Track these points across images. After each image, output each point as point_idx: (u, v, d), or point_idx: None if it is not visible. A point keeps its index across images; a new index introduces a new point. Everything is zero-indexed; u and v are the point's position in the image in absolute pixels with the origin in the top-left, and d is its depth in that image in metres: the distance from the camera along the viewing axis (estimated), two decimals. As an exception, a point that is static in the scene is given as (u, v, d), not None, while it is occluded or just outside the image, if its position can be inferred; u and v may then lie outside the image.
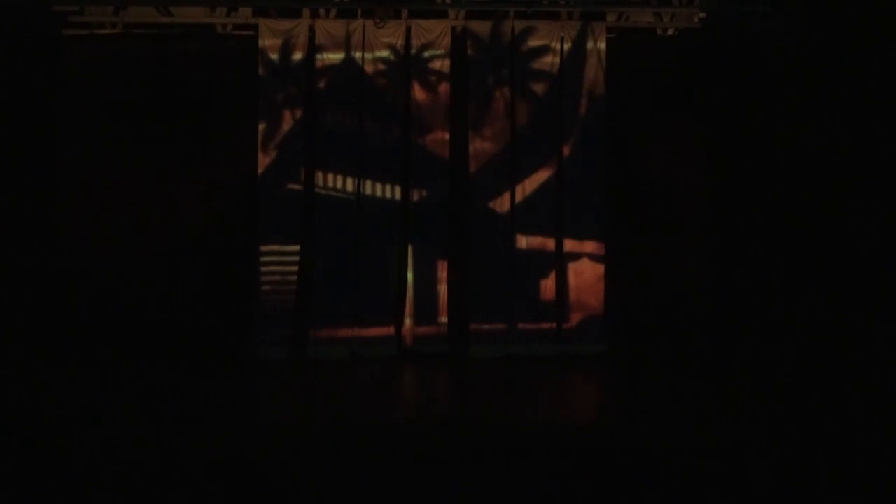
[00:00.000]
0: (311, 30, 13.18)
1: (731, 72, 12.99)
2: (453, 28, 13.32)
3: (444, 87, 13.32)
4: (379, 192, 13.28)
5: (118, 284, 12.74)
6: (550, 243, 13.32)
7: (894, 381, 10.20)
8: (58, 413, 9.76)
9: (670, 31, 13.47)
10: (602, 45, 13.32)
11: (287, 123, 13.20)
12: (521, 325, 13.18)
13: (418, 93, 13.33)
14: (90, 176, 12.91)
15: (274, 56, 13.17)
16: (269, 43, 13.17)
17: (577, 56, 13.33)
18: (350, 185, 13.25)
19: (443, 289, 13.27)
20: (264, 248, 13.17)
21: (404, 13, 13.23)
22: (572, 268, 13.31)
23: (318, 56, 13.22)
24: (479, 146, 13.35)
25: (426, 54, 13.31)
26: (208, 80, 13.05)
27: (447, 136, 13.31)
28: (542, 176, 13.34)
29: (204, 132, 13.02)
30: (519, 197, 13.32)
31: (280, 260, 13.16)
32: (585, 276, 13.30)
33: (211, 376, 11.88)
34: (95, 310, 12.58)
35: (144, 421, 9.51)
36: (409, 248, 13.34)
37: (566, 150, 13.32)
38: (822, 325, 11.63)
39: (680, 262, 13.10)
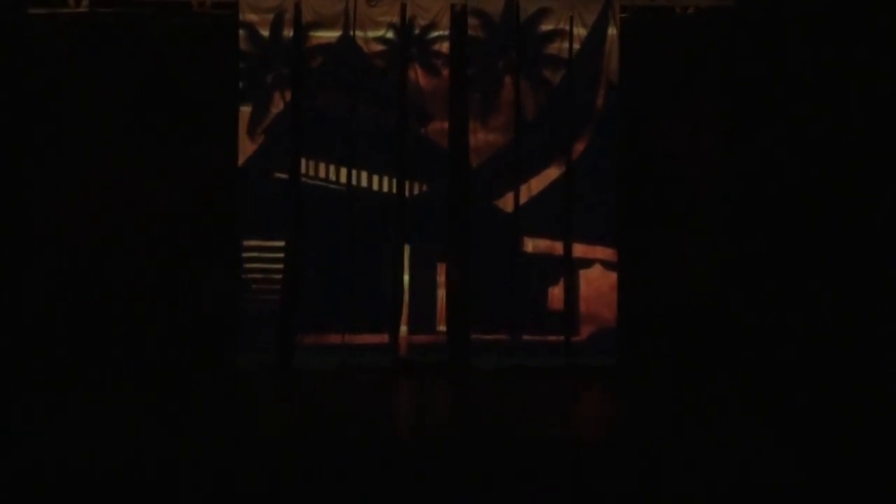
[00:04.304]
0: (298, 8, 12.66)
1: (759, 54, 12.38)
2: (453, 6, 12.76)
3: (443, 72, 12.80)
4: (375, 186, 12.81)
5: (85, 283, 12.31)
6: (559, 247, 12.79)
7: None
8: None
9: (690, 10, 12.79)
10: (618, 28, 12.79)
11: (273, 108, 12.76)
12: (525, 337, 12.68)
13: (415, 77, 12.79)
14: (59, 167, 12.44)
15: (256, 35, 12.69)
16: (249, 22, 12.66)
17: (592, 40, 12.74)
18: (340, 175, 12.75)
19: (441, 293, 12.78)
20: (247, 244, 12.66)
21: (400, -11, 12.78)
22: (583, 275, 12.78)
23: (305, 35, 12.70)
24: (482, 138, 12.82)
25: (423, 35, 12.77)
26: (185, 63, 12.53)
27: (446, 126, 12.80)
28: (551, 173, 12.81)
29: (182, 118, 12.51)
30: (525, 195, 12.77)
31: (263, 257, 12.70)
32: (597, 284, 12.76)
33: (189, 386, 11.62)
34: (57, 308, 12.22)
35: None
36: (406, 248, 12.81)
37: (579, 145, 12.74)
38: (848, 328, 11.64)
39: (704, 269, 12.49)
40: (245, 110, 12.62)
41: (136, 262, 12.29)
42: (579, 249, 12.71)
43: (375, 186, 12.76)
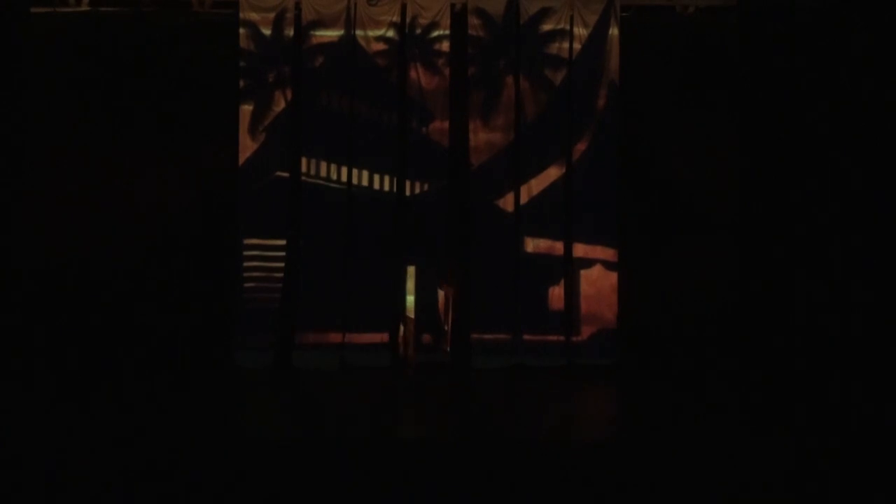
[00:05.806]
0: (298, 7, 12.63)
1: (759, 54, 12.24)
2: (452, 6, 12.70)
3: (444, 71, 12.74)
4: (376, 185, 12.71)
5: (86, 282, 12.29)
6: (560, 247, 12.71)
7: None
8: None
9: (690, 10, 12.76)
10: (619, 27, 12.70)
11: (275, 106, 12.73)
12: (526, 337, 12.59)
13: (416, 76, 12.73)
14: (59, 166, 12.43)
15: (257, 34, 12.68)
16: (250, 21, 12.63)
17: (593, 40, 12.69)
18: (341, 174, 12.69)
19: (442, 293, 12.67)
20: (247, 242, 12.62)
21: (400, -11, 12.66)
22: (584, 275, 12.74)
23: (305, 34, 12.67)
24: (483, 137, 12.76)
25: (424, 34, 12.71)
26: (185, 63, 12.51)
27: (447, 125, 12.72)
28: (552, 173, 12.71)
29: (182, 118, 12.52)
30: (526, 195, 12.70)
31: (263, 255, 12.62)
32: (598, 285, 12.72)
33: (185, 384, 11.53)
34: (58, 307, 12.20)
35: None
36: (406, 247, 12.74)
37: (579, 145, 12.66)
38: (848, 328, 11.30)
39: (704, 269, 12.39)
40: (246, 109, 12.59)
41: (136, 261, 12.25)
42: (580, 249, 12.65)
43: (376, 186, 12.67)
